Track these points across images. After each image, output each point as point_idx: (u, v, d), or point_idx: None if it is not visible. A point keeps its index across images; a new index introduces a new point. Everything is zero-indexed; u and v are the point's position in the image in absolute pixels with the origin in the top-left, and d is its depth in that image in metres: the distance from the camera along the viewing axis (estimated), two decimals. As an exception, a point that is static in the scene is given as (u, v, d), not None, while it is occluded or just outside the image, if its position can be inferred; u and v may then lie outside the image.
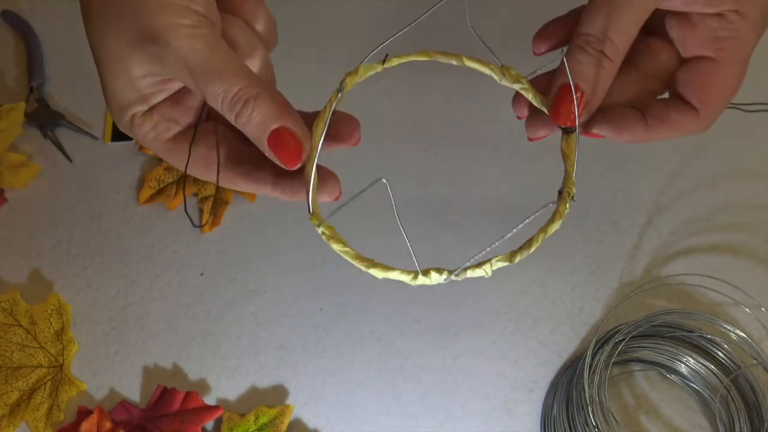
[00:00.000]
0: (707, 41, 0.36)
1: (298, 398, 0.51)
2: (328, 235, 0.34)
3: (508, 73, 0.35)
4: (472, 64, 0.35)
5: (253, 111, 0.33)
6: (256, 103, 0.33)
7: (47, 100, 0.62)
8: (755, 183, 0.59)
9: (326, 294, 0.54)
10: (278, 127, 0.33)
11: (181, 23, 0.32)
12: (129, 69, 0.34)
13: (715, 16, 0.35)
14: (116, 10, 0.33)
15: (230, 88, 0.33)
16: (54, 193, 0.58)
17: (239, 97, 0.33)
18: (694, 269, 0.54)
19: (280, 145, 0.34)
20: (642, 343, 0.50)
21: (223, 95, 0.33)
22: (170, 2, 0.32)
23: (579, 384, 0.47)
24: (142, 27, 0.33)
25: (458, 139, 0.60)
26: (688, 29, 0.36)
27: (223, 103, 0.33)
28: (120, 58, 0.34)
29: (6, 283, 0.55)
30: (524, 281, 0.55)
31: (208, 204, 0.57)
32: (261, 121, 0.33)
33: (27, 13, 0.67)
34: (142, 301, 0.54)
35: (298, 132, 0.34)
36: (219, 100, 0.33)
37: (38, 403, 0.50)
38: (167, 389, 0.50)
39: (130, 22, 0.33)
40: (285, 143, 0.34)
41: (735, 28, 0.35)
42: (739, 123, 0.62)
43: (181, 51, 0.32)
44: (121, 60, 0.34)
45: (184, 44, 0.32)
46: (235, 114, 0.33)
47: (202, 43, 0.33)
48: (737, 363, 0.49)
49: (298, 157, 0.34)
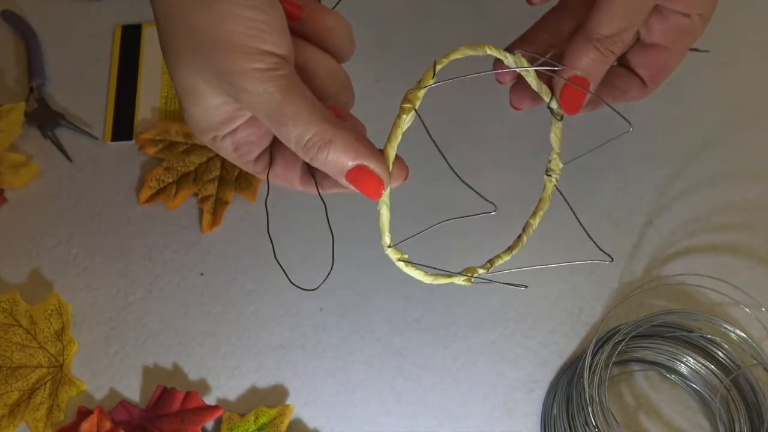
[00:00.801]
0: (670, 33, 0.42)
1: (298, 398, 0.51)
2: (404, 264, 0.37)
3: (520, 60, 0.37)
4: (494, 51, 0.36)
5: (328, 154, 0.33)
6: (330, 147, 0.33)
7: (47, 100, 0.62)
8: (755, 183, 0.59)
9: (326, 294, 0.54)
10: (355, 167, 0.34)
11: (254, 67, 0.32)
12: (206, 99, 0.34)
13: (684, 15, 0.42)
14: (190, 47, 0.33)
15: (303, 135, 0.33)
16: (54, 193, 0.58)
17: (313, 142, 0.33)
18: (694, 269, 0.54)
19: (360, 182, 0.34)
20: (642, 343, 0.50)
21: (296, 140, 0.33)
22: (242, 46, 0.32)
23: (579, 384, 0.47)
24: (216, 68, 0.33)
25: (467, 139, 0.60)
26: (660, 20, 0.42)
27: (296, 147, 0.34)
28: (197, 90, 0.34)
29: (6, 283, 0.55)
30: (524, 281, 0.55)
31: (208, 204, 0.57)
32: (336, 162, 0.33)
33: (27, 13, 0.67)
34: (142, 301, 0.54)
35: (376, 169, 0.34)
36: (293, 144, 0.34)
37: (38, 403, 0.50)
38: (167, 389, 0.50)
39: (203, 62, 0.33)
40: (363, 179, 0.34)
41: (695, 28, 0.42)
42: (739, 123, 0.62)
43: (254, 95, 0.32)
44: (198, 91, 0.34)
45: (257, 89, 0.32)
46: (309, 158, 0.34)
47: (274, 86, 0.32)
48: (737, 363, 0.49)
49: (380, 190, 0.34)
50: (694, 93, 0.62)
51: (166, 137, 0.59)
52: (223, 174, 0.58)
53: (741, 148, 0.60)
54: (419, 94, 0.34)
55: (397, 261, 0.37)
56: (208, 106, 0.35)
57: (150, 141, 0.59)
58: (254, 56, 0.32)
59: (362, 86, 0.60)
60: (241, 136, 0.37)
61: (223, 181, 0.58)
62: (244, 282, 0.55)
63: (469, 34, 0.65)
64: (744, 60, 0.64)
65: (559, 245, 0.55)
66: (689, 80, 0.62)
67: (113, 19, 0.66)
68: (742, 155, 0.60)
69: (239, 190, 0.58)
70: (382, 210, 0.35)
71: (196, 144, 0.59)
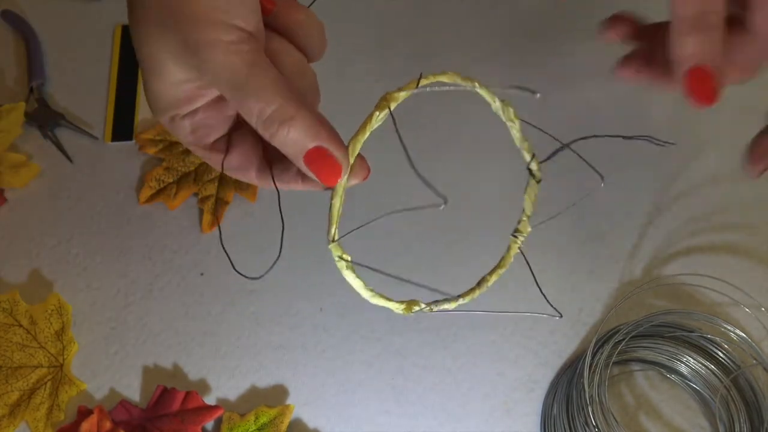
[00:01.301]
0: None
1: (298, 398, 0.51)
2: (345, 265, 0.35)
3: (507, 109, 0.35)
4: (483, 92, 0.35)
5: (289, 132, 0.33)
6: (291, 123, 0.33)
7: (47, 100, 0.62)
8: (755, 183, 0.59)
9: (326, 294, 0.54)
10: (314, 147, 0.33)
11: (221, 39, 0.32)
12: (169, 74, 0.34)
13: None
14: (159, 18, 0.33)
15: (265, 108, 0.33)
16: (54, 193, 0.58)
17: (273, 117, 0.33)
18: (694, 269, 0.54)
19: (317, 165, 0.33)
20: (642, 343, 0.50)
21: (258, 114, 0.33)
22: (213, 18, 0.32)
23: (579, 384, 0.47)
24: (183, 39, 0.33)
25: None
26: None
27: (257, 122, 0.33)
28: (161, 64, 0.34)
29: (6, 283, 0.55)
30: (524, 281, 0.55)
31: (208, 204, 0.57)
32: (296, 141, 0.33)
33: (27, 13, 0.67)
34: (142, 301, 0.54)
35: (336, 152, 0.33)
36: (254, 118, 0.33)
37: (38, 403, 0.50)
38: (167, 389, 0.50)
39: (172, 33, 0.33)
40: (322, 163, 0.33)
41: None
42: (739, 123, 0.62)
43: (218, 66, 0.32)
44: (162, 65, 0.34)
45: (222, 60, 0.32)
46: (269, 134, 0.33)
47: (240, 59, 0.32)
48: (737, 363, 0.49)
49: (336, 176, 0.34)
50: (694, 93, 0.62)
51: (166, 137, 0.59)
52: (223, 174, 0.58)
53: (741, 148, 0.60)
54: (397, 96, 0.34)
55: (337, 260, 0.35)
56: (172, 81, 0.34)
57: (150, 141, 0.59)
58: (222, 28, 0.32)
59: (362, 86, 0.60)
60: (200, 117, 0.37)
61: (223, 181, 0.58)
62: (244, 282, 0.55)
63: (469, 34, 0.65)
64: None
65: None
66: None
67: (113, 19, 0.66)
68: (742, 155, 0.60)
69: (239, 190, 0.58)
70: (334, 200, 0.34)
71: (196, 144, 0.59)
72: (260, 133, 0.34)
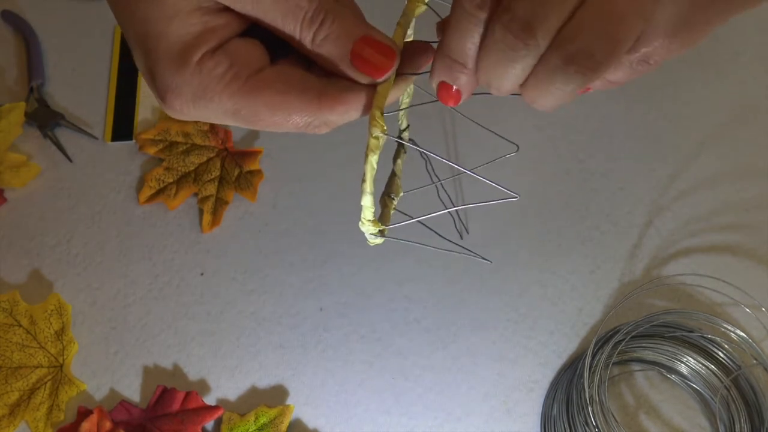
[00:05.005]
0: None
1: (298, 398, 0.51)
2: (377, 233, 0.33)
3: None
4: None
5: (333, 23, 0.30)
6: (336, 17, 0.30)
7: (47, 100, 0.62)
8: (755, 183, 0.59)
9: (326, 294, 0.54)
10: (363, 35, 0.30)
11: None
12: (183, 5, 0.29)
13: None
14: None
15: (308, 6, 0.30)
16: (54, 193, 0.58)
17: (317, 12, 0.30)
18: (694, 269, 0.54)
19: (367, 54, 0.30)
20: (642, 343, 0.50)
21: (296, 9, 0.30)
22: None
23: (579, 384, 0.47)
24: None
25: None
26: None
27: (296, 20, 0.30)
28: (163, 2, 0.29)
29: (6, 283, 0.55)
30: (524, 281, 0.55)
31: (208, 204, 0.57)
32: (343, 30, 0.30)
33: (27, 13, 0.67)
34: (142, 301, 0.54)
35: (385, 40, 0.30)
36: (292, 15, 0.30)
37: (38, 403, 0.50)
38: (167, 389, 0.50)
39: None
40: (372, 50, 0.30)
41: None
42: (738, 123, 0.62)
43: None
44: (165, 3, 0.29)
45: None
46: (313, 33, 0.30)
47: None
48: (737, 363, 0.49)
49: (391, 62, 0.30)
50: (694, 93, 0.62)
51: (166, 137, 0.59)
52: (223, 174, 0.58)
53: (741, 148, 0.60)
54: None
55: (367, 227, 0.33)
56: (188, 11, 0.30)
57: (150, 141, 0.59)
58: None
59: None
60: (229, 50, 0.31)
61: (223, 181, 0.58)
62: (244, 282, 0.55)
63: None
64: (744, 60, 0.64)
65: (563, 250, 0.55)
66: (688, 80, 0.62)
67: (113, 19, 0.66)
68: (742, 155, 0.60)
69: (239, 190, 0.58)
70: (371, 157, 0.30)
71: (196, 144, 0.59)
72: (302, 33, 0.30)
